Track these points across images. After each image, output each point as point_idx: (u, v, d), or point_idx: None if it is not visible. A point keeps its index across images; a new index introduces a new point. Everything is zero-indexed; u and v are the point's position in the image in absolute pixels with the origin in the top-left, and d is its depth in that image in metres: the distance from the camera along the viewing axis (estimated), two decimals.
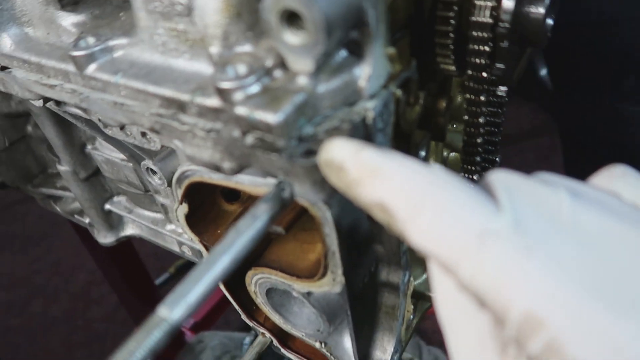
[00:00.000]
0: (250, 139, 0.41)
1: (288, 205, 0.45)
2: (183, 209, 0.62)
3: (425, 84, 0.55)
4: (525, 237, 0.30)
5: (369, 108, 0.42)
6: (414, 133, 0.54)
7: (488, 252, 0.30)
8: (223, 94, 0.41)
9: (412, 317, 0.71)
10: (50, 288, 2.79)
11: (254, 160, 0.43)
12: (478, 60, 0.51)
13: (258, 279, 0.64)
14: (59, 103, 0.65)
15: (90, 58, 0.51)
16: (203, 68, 0.46)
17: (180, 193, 0.61)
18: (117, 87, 0.49)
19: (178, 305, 0.36)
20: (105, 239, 1.04)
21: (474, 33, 0.49)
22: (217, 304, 1.98)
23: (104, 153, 0.86)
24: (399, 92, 0.46)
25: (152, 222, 0.93)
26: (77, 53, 0.50)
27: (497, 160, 0.70)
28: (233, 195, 0.67)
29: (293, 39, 0.37)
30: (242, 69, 0.41)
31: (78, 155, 0.90)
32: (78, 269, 2.78)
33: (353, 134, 0.41)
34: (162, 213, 0.89)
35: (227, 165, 0.45)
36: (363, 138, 0.43)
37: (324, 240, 0.48)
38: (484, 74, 0.52)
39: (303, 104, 0.39)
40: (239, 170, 0.46)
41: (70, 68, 0.53)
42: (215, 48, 0.44)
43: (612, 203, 0.34)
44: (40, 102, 0.64)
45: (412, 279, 0.65)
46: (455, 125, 0.75)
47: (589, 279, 0.29)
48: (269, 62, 0.41)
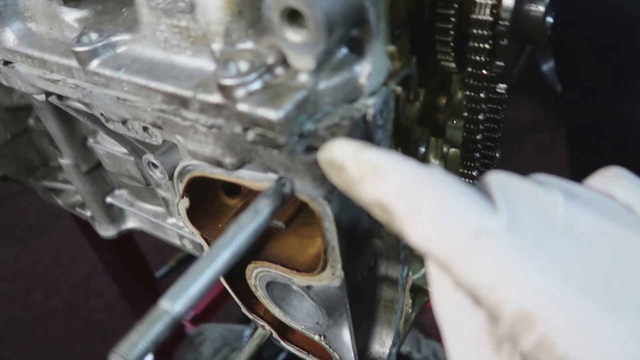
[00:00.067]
0: (252, 135, 0.41)
1: (288, 200, 0.45)
2: (184, 203, 0.63)
3: (426, 81, 0.55)
4: (520, 237, 0.31)
5: (369, 105, 0.43)
6: (414, 129, 0.54)
7: (483, 251, 0.30)
8: (225, 91, 0.41)
9: (410, 311, 0.72)
10: (51, 279, 2.80)
11: (255, 156, 0.43)
12: (478, 58, 0.51)
13: (258, 273, 0.64)
14: (61, 97, 0.66)
15: (93, 54, 0.51)
16: (205, 64, 0.47)
17: (182, 187, 0.61)
18: (119, 82, 0.50)
19: (180, 298, 0.37)
20: (107, 232, 1.05)
21: (474, 30, 0.49)
22: (217, 297, 1.99)
23: (106, 147, 0.87)
24: (399, 89, 0.46)
25: (153, 215, 0.93)
26: (80, 49, 0.51)
27: (496, 156, 0.71)
28: (234, 190, 0.68)
29: (294, 37, 0.38)
30: (243, 66, 0.41)
31: (80, 149, 0.91)
32: (79, 261, 2.79)
33: (353, 131, 0.42)
34: (163, 206, 0.90)
35: (228, 161, 0.45)
36: (363, 135, 0.43)
37: (324, 235, 0.49)
38: (484, 72, 0.53)
39: (304, 101, 0.40)
40: (240, 166, 0.46)
41: (73, 63, 0.53)
42: (217, 45, 0.44)
43: (606, 204, 0.35)
44: (43, 96, 0.64)
45: (410, 273, 0.65)
46: (456, 121, 0.75)
47: (582, 279, 0.29)
48: (271, 59, 0.42)
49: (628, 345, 0.28)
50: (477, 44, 0.50)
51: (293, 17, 0.37)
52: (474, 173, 0.68)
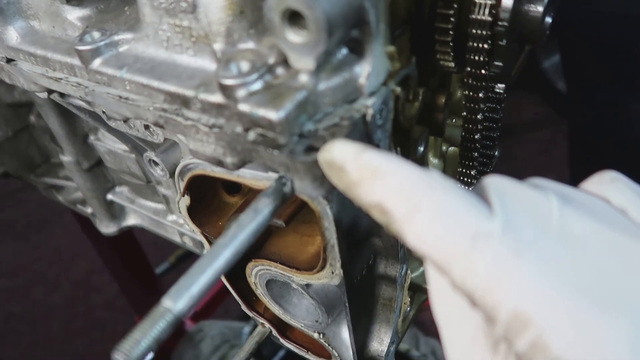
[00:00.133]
0: (252, 135, 0.41)
1: (288, 200, 0.46)
2: (185, 201, 0.63)
3: (425, 81, 0.55)
4: (516, 239, 0.31)
5: (369, 105, 0.43)
6: (413, 128, 0.55)
7: (479, 253, 0.31)
8: (226, 91, 0.41)
9: (409, 309, 0.73)
10: (51, 275, 2.81)
11: (256, 156, 0.44)
12: (477, 58, 0.52)
13: (258, 271, 0.65)
14: (63, 95, 0.66)
15: (96, 52, 0.51)
16: (207, 64, 0.47)
17: (183, 185, 0.62)
18: (122, 81, 0.50)
19: (182, 297, 0.37)
20: (108, 229, 1.05)
21: (474, 31, 0.50)
22: (217, 294, 2.00)
23: (107, 144, 0.87)
24: (398, 89, 0.46)
25: (153, 212, 0.94)
26: (82, 47, 0.51)
27: (495, 155, 0.71)
28: (234, 188, 0.68)
29: (295, 38, 0.38)
30: (244, 66, 0.41)
31: (81, 146, 0.91)
32: (79, 257, 2.80)
33: (353, 131, 0.42)
34: (163, 204, 0.90)
35: (229, 160, 0.46)
36: (362, 134, 0.44)
37: (323, 234, 0.49)
38: (483, 71, 0.53)
39: (304, 101, 0.40)
40: (241, 165, 0.46)
41: (76, 62, 0.54)
42: (219, 45, 0.45)
43: (601, 208, 0.35)
44: (45, 94, 0.64)
45: (409, 272, 0.66)
46: (455, 120, 0.75)
47: (576, 281, 0.30)
48: (271, 59, 0.42)
49: (621, 346, 0.28)
50: (476, 44, 0.51)
51: (294, 18, 0.37)
52: (473, 172, 0.68)
